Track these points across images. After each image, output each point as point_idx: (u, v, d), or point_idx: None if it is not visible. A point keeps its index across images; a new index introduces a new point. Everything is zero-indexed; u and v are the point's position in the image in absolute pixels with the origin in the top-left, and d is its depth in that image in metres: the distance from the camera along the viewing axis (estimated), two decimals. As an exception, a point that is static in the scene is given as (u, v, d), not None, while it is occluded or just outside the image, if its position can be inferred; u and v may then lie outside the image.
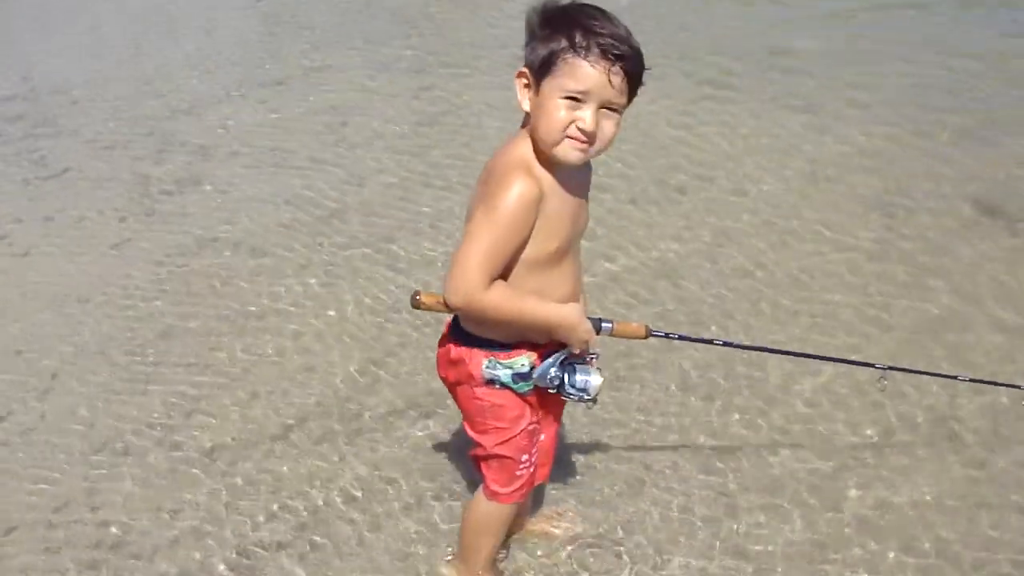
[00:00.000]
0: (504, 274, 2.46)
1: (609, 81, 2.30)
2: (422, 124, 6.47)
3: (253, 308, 4.61)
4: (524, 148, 2.45)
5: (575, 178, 2.52)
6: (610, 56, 2.30)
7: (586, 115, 2.33)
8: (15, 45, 8.67)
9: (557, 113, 2.34)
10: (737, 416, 3.89)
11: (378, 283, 4.76)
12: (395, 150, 6.16)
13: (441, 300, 2.52)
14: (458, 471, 3.55)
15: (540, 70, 2.35)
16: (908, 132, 6.48)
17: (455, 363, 2.67)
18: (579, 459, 3.66)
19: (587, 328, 2.61)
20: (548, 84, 2.34)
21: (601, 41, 2.30)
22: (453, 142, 6.16)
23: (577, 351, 2.63)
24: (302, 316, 4.55)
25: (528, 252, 2.46)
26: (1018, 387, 3.57)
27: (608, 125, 2.37)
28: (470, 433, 2.79)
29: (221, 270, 4.92)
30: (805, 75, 7.43)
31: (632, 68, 2.34)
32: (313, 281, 4.81)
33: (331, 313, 4.56)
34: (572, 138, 2.36)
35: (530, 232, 2.43)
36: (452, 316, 2.70)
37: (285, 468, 3.65)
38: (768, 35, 8.23)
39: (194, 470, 3.66)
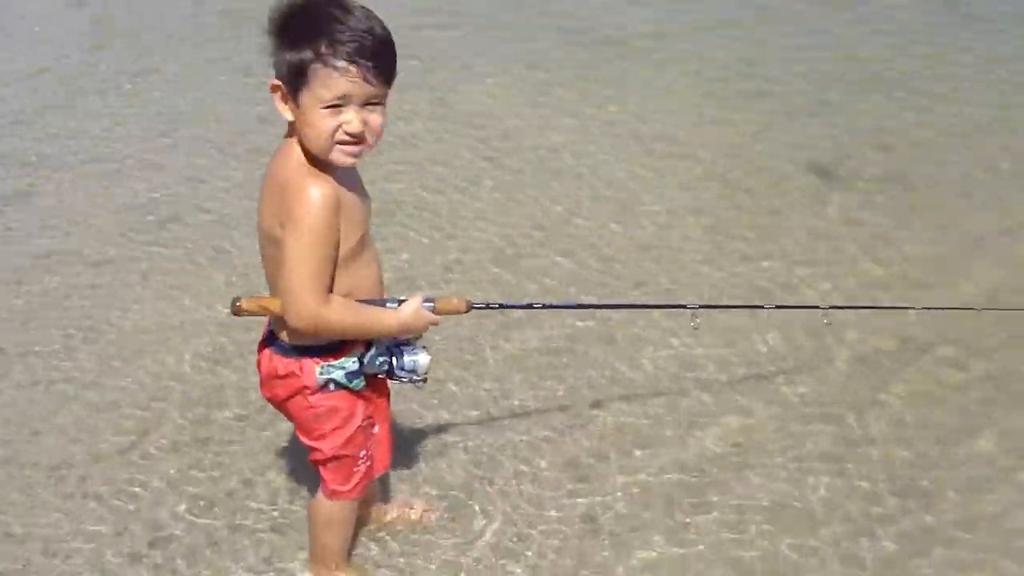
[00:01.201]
0: None
1: (364, 80, 2.32)
2: (254, 125, 6.41)
3: (93, 320, 4.51)
4: (299, 154, 2.43)
5: (348, 171, 2.52)
6: (358, 58, 2.30)
7: (350, 118, 2.35)
8: None
9: (322, 123, 2.34)
10: (579, 385, 4.05)
11: (220, 287, 4.73)
12: (229, 152, 6.13)
13: (263, 304, 2.54)
14: (305, 470, 3.52)
15: (293, 82, 2.34)
16: (740, 104, 6.79)
17: (284, 378, 2.66)
18: (426, 443, 3.74)
19: (428, 319, 2.66)
20: (305, 96, 2.34)
21: (347, 46, 2.29)
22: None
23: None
24: (145, 325, 4.48)
25: (339, 253, 2.48)
26: (816, 307, 3.83)
27: (374, 119, 2.39)
28: (306, 442, 2.80)
29: (58, 284, 4.80)
30: (638, 55, 7.69)
31: (384, 60, 2.35)
32: (154, 288, 4.75)
33: (174, 320, 4.51)
34: (341, 143, 2.38)
35: (340, 234, 2.45)
36: (267, 334, 2.70)
37: (134, 480, 3.61)
38: (602, 18, 8.44)
39: (42, 489, 3.58)
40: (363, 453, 2.84)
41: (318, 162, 2.43)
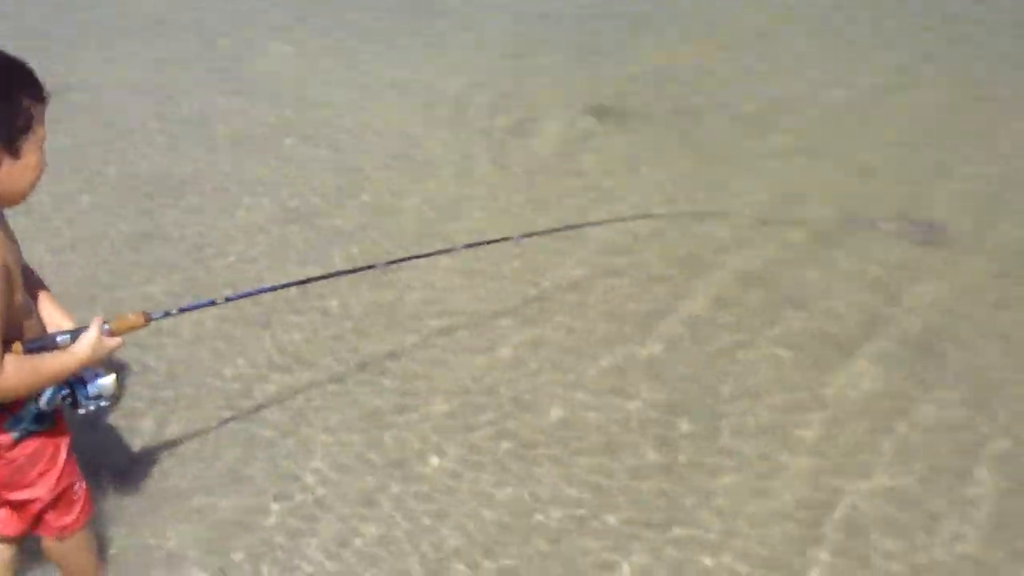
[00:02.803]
0: None
1: None
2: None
3: None
4: None
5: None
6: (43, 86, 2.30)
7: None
8: None
9: (42, 161, 2.31)
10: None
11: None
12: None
13: None
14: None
15: (16, 133, 2.23)
16: (522, 57, 7.05)
17: None
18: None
19: (109, 346, 2.46)
20: (27, 143, 2.25)
21: (36, 81, 2.28)
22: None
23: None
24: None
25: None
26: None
27: None
28: (17, 496, 2.56)
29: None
30: (442, 16, 7.89)
31: None
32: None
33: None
34: None
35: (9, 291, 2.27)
36: None
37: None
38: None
39: None
40: (77, 479, 2.67)
41: None
